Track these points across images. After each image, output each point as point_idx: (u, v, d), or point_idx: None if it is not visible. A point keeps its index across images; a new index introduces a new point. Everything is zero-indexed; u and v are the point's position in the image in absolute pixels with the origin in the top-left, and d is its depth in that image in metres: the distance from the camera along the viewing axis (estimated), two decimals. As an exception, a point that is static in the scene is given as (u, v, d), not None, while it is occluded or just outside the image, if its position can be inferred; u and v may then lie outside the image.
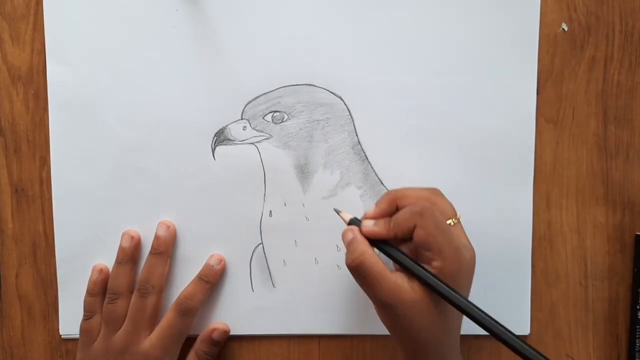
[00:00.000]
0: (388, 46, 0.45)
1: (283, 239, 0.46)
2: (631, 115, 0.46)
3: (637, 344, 0.46)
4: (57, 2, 0.45)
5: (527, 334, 0.47)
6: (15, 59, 0.46)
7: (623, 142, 0.46)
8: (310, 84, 0.46)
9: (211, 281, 0.45)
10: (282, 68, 0.45)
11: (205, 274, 0.45)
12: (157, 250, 0.45)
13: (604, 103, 0.46)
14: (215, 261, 0.46)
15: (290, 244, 0.46)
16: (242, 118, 0.46)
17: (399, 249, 0.39)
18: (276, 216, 0.46)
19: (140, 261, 0.46)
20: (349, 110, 0.46)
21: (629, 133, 0.46)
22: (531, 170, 0.46)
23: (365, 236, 0.39)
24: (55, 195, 0.47)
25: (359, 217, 0.41)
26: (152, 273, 0.45)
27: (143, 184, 0.46)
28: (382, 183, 0.46)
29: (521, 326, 0.46)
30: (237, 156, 0.46)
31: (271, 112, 0.46)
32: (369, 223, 0.40)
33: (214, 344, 0.46)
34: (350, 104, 0.46)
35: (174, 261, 0.46)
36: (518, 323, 0.46)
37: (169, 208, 0.46)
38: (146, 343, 0.44)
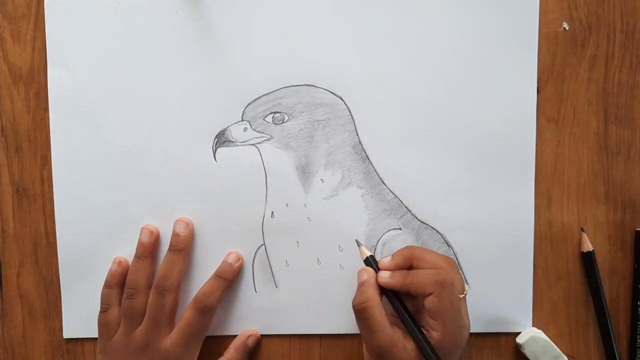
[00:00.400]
0: (388, 46, 0.45)
1: (285, 240, 0.46)
2: (632, 114, 0.46)
3: (638, 342, 0.46)
4: (58, 5, 0.45)
5: (528, 333, 0.47)
6: (16, 59, 0.46)
7: (624, 141, 0.46)
8: (310, 85, 0.46)
9: (229, 278, 0.45)
10: (282, 69, 0.45)
11: (223, 271, 0.45)
12: (177, 247, 0.45)
13: (605, 102, 0.46)
14: (233, 259, 0.46)
15: (292, 245, 0.46)
16: (243, 119, 0.46)
17: (406, 308, 0.41)
18: (278, 217, 0.46)
19: (158, 257, 0.46)
20: (350, 110, 0.46)
21: (630, 132, 0.46)
22: (532, 169, 0.46)
23: (378, 284, 0.41)
24: (57, 197, 0.47)
25: (365, 253, 0.43)
26: (171, 270, 0.44)
27: (144, 186, 0.46)
28: (384, 183, 0.46)
29: (523, 325, 0.46)
30: (238, 157, 0.46)
31: (272, 113, 0.46)
32: (386, 275, 0.42)
33: (248, 352, 0.46)
34: (350, 104, 0.46)
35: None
36: (520, 322, 0.46)
37: (171, 210, 0.46)
38: (167, 341, 0.44)
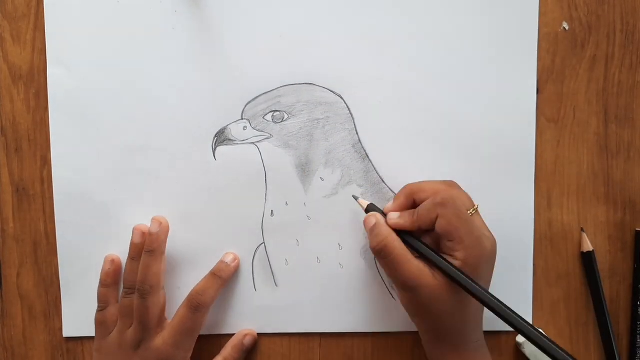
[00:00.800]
0: (387, 46, 0.45)
1: (285, 239, 0.46)
2: (632, 114, 0.46)
3: (638, 342, 0.46)
4: (57, 4, 0.45)
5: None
6: (16, 59, 0.46)
7: (624, 141, 0.46)
8: (310, 83, 0.46)
9: (224, 277, 0.45)
10: (282, 67, 0.45)
11: (218, 270, 0.45)
12: (150, 247, 0.44)
13: (605, 102, 0.46)
14: (230, 259, 0.46)
15: (292, 244, 0.46)
16: (243, 118, 0.46)
17: (422, 241, 0.41)
18: (278, 216, 0.46)
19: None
20: (349, 108, 0.46)
21: (630, 132, 0.46)
22: (532, 169, 0.46)
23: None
24: (56, 196, 0.47)
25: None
26: (148, 273, 0.44)
27: (144, 185, 0.46)
28: (383, 181, 0.46)
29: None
30: (238, 156, 0.46)
31: (271, 112, 0.46)
32: (394, 215, 0.41)
33: (245, 351, 0.46)
34: (350, 103, 0.46)
35: (176, 262, 0.46)
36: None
37: (171, 209, 0.46)
38: (158, 340, 0.44)
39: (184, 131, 0.46)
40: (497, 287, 0.46)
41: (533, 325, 0.37)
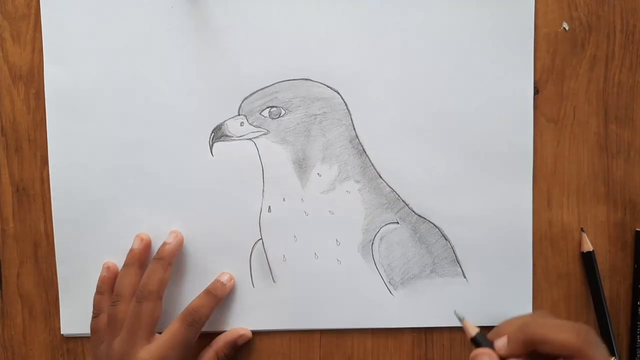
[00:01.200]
0: (384, 43, 0.45)
1: (282, 234, 0.46)
2: (632, 114, 0.46)
3: (638, 342, 0.46)
4: (54, 3, 0.46)
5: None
6: (16, 59, 0.46)
7: (624, 141, 0.46)
8: (306, 79, 0.46)
9: (219, 295, 0.45)
10: (279, 63, 0.45)
11: (214, 289, 0.45)
12: (160, 255, 0.45)
13: (605, 102, 0.46)
14: (225, 278, 0.46)
15: (289, 239, 0.46)
16: (239, 114, 0.46)
17: None
18: (275, 211, 0.46)
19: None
20: (346, 104, 0.46)
21: (630, 132, 0.46)
22: (530, 168, 0.46)
23: None
24: (54, 194, 0.47)
25: None
26: (151, 277, 0.44)
27: (141, 182, 0.46)
28: (381, 176, 0.46)
29: (522, 325, 0.46)
30: (235, 152, 0.46)
31: (268, 108, 0.46)
32: None
33: (237, 349, 0.46)
34: (347, 98, 0.46)
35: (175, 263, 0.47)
36: (519, 322, 0.46)
37: (168, 205, 0.46)
38: (144, 353, 0.42)
39: (181, 128, 0.46)
40: (497, 287, 0.46)
41: None
